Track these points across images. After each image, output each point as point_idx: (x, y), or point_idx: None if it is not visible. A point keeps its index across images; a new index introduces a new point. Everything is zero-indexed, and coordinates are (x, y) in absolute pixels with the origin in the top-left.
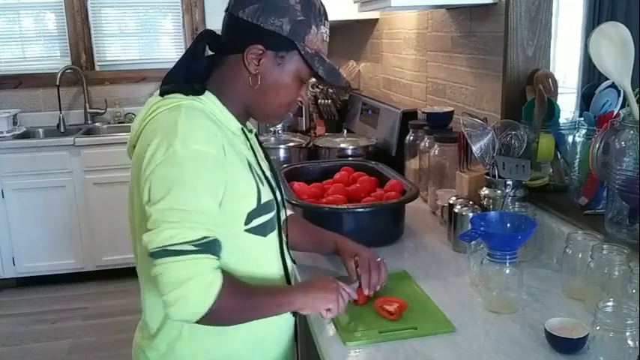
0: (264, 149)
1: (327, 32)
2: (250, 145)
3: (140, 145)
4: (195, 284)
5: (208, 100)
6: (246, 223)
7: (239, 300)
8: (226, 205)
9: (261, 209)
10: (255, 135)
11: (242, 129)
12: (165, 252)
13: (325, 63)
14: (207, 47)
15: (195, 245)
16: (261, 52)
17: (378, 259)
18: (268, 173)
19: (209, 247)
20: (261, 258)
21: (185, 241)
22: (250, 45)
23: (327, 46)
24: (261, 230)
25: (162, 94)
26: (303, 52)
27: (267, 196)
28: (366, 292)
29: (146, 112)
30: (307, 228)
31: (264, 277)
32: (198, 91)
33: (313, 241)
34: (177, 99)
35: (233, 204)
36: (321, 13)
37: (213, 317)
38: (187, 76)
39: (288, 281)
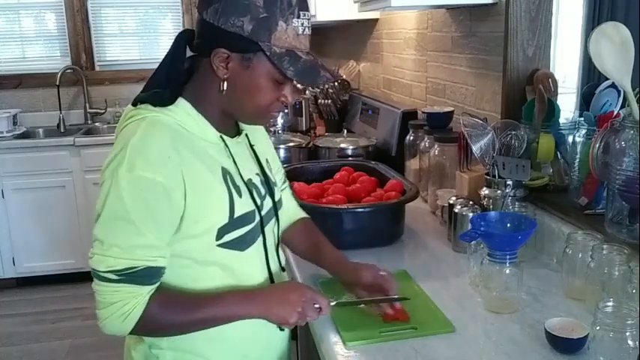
0: (256, 153)
1: (305, 24)
2: (230, 153)
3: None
4: (113, 311)
5: (179, 110)
6: (218, 239)
7: (170, 319)
8: (190, 223)
9: (234, 223)
10: (246, 136)
11: (221, 136)
12: (95, 274)
13: (299, 62)
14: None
15: (118, 275)
16: (226, 55)
17: (383, 273)
18: (257, 180)
19: (135, 277)
20: (241, 273)
21: (109, 270)
22: (215, 48)
23: (306, 39)
24: (237, 245)
25: (134, 103)
26: (269, 53)
27: (243, 208)
28: (398, 305)
29: (121, 121)
30: (314, 237)
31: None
32: (167, 101)
33: (311, 252)
34: (144, 111)
35: (198, 220)
36: (292, 5)
37: (143, 333)
38: (168, 80)
39: None
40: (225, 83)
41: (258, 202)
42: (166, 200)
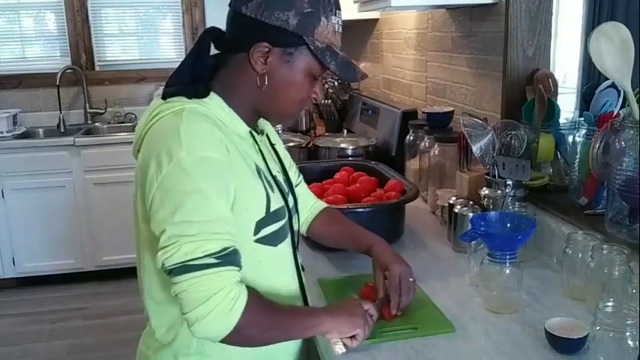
0: (276, 151)
1: (340, 22)
2: (259, 148)
3: (144, 152)
4: (219, 299)
5: (213, 103)
6: (255, 233)
7: (266, 318)
8: (236, 215)
9: (270, 218)
10: (267, 135)
11: (250, 132)
12: (185, 268)
13: (338, 57)
14: (212, 45)
15: (217, 258)
16: (267, 49)
17: (411, 280)
18: (280, 177)
19: (231, 258)
20: (273, 269)
21: (207, 254)
22: (256, 43)
23: (339, 37)
24: (272, 240)
25: (164, 97)
26: (312, 47)
27: (277, 203)
28: (393, 312)
29: (148, 116)
30: (344, 224)
31: (276, 288)
32: (202, 94)
33: (348, 240)
34: (179, 103)
35: (241, 213)
36: (331, 2)
37: (241, 335)
38: (192, 77)
39: (302, 291)
40: (266, 78)
41: (285, 198)
42: (227, 177)
